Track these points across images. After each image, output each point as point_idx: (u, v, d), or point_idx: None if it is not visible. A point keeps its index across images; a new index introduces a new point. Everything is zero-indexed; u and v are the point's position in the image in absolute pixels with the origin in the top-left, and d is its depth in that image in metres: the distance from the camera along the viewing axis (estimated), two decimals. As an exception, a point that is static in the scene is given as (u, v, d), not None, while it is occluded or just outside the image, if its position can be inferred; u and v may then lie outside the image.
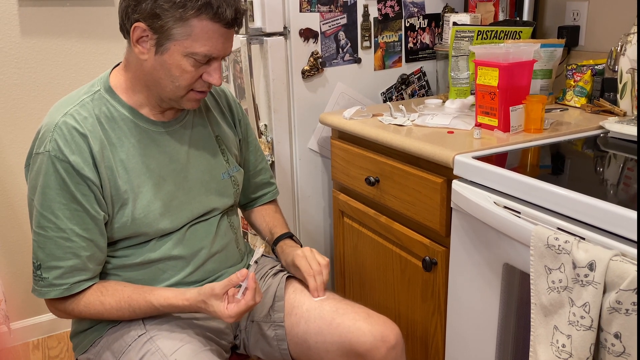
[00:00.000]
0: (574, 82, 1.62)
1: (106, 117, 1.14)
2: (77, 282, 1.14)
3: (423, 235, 1.42)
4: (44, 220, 1.11)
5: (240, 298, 1.09)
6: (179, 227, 1.21)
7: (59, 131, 1.09)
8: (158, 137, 1.19)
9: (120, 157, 1.14)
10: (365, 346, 1.20)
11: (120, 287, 1.16)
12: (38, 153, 1.11)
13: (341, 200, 1.73)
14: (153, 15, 1.05)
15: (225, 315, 1.08)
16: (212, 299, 1.09)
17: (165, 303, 1.13)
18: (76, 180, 1.09)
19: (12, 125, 2.15)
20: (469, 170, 1.18)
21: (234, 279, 1.08)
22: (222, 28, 1.07)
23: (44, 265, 1.13)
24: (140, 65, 1.12)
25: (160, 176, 1.18)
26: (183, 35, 1.06)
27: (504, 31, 1.64)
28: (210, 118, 1.31)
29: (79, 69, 2.21)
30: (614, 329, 0.86)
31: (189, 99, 1.15)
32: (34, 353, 2.29)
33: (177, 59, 1.08)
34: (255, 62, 1.72)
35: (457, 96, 1.68)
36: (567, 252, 0.92)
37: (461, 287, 1.28)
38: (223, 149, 1.31)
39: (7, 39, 2.08)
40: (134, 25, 1.07)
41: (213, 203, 1.26)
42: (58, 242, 1.11)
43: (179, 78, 1.10)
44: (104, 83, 1.17)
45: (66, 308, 1.17)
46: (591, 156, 1.22)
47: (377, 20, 1.80)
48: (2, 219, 2.20)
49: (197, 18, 1.05)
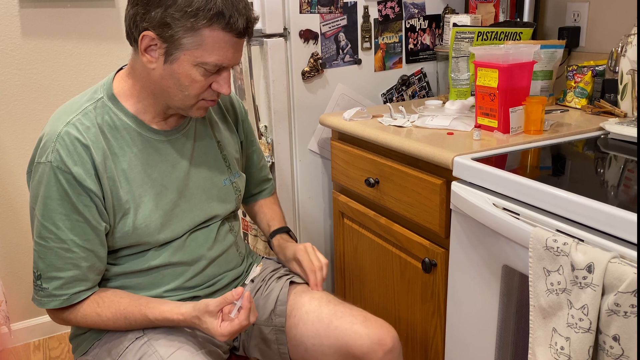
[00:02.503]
0: (575, 83, 1.61)
1: (109, 126, 1.13)
2: (76, 293, 1.13)
3: (422, 236, 1.42)
4: (44, 231, 1.10)
5: (234, 317, 1.07)
6: (180, 235, 1.20)
7: (61, 141, 1.08)
8: (160, 145, 1.18)
9: (122, 166, 1.13)
10: (362, 350, 1.19)
11: (117, 299, 1.15)
12: (40, 162, 1.09)
13: (341, 202, 1.73)
14: (163, 24, 1.03)
15: (217, 333, 1.06)
16: (206, 315, 1.07)
17: (160, 317, 1.12)
18: (78, 191, 1.08)
19: (13, 126, 2.15)
20: (469, 171, 1.18)
21: (229, 297, 1.06)
22: (233, 38, 1.06)
23: (44, 276, 1.12)
24: (147, 73, 1.10)
25: (162, 185, 1.17)
26: (193, 45, 1.04)
27: (504, 32, 1.63)
28: (212, 123, 1.30)
29: (79, 70, 2.21)
30: (613, 332, 0.86)
31: (198, 108, 1.14)
32: (35, 354, 2.29)
33: (186, 68, 1.06)
34: (255, 63, 1.72)
35: (458, 97, 1.67)
36: (565, 254, 0.92)
37: (461, 289, 1.27)
38: (224, 155, 1.30)
39: (8, 40, 2.08)
40: (143, 34, 1.05)
41: (214, 210, 1.26)
42: (58, 253, 1.10)
43: (189, 87, 1.09)
44: (107, 90, 1.15)
45: (64, 317, 1.17)
46: (591, 158, 1.22)
47: (378, 21, 1.80)
48: (3, 220, 2.20)
49: (208, 28, 1.03)
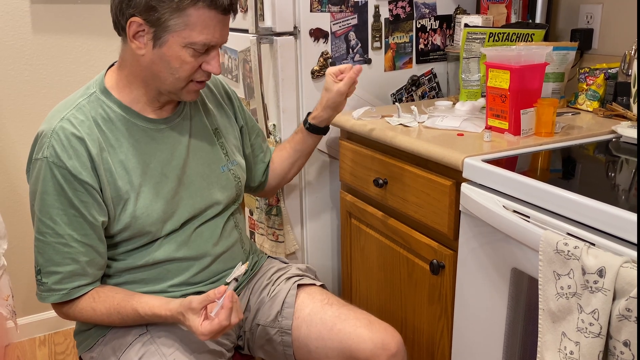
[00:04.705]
0: (587, 85, 1.60)
1: (103, 119, 1.14)
2: (76, 287, 1.14)
3: (431, 238, 1.41)
4: (42, 226, 1.11)
5: (214, 316, 1.03)
6: (181, 222, 1.20)
7: (56, 137, 1.09)
8: (156, 134, 1.19)
9: (120, 158, 1.14)
10: (365, 353, 1.18)
11: (112, 294, 1.15)
12: (37, 159, 1.10)
13: (349, 202, 1.72)
14: (149, 8, 1.04)
15: (198, 332, 1.03)
16: (189, 312, 1.05)
17: (150, 312, 1.11)
18: (74, 186, 1.09)
19: (22, 121, 2.16)
20: (479, 173, 1.17)
21: (211, 295, 1.04)
22: (219, 15, 1.07)
23: (44, 271, 1.13)
24: (137, 60, 1.11)
25: (162, 174, 1.18)
26: (180, 25, 1.05)
27: (516, 33, 1.62)
28: (207, 111, 1.30)
29: (89, 66, 2.22)
30: (624, 337, 0.85)
31: (189, 91, 1.15)
32: (40, 349, 2.30)
33: (175, 50, 1.07)
34: (264, 61, 1.71)
35: (468, 98, 1.66)
36: (576, 258, 0.90)
37: (468, 291, 1.26)
38: (221, 142, 1.30)
39: (19, 36, 2.09)
40: (130, 21, 1.06)
41: (215, 196, 1.25)
42: (57, 248, 1.11)
43: (179, 70, 1.10)
44: (99, 85, 1.17)
45: (64, 312, 1.18)
46: (602, 161, 1.21)
47: (388, 21, 1.79)
48: (11, 215, 2.21)
49: (193, 7, 1.04)
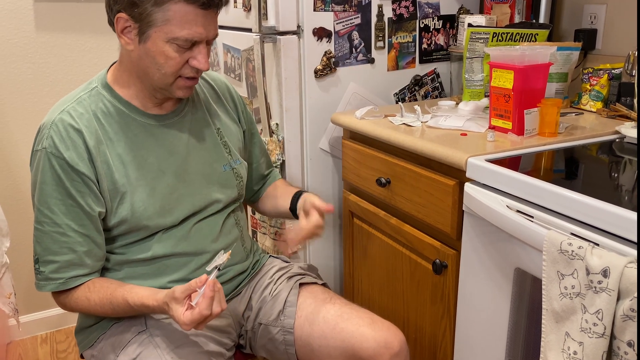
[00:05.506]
0: (590, 86, 1.60)
1: (103, 113, 1.15)
2: (72, 277, 1.14)
3: (434, 237, 1.41)
4: (41, 216, 1.12)
5: (195, 305, 1.01)
6: (180, 219, 1.20)
7: (55, 128, 1.11)
8: (156, 130, 1.19)
9: (118, 151, 1.15)
10: (368, 352, 1.18)
11: (107, 285, 1.15)
12: (37, 150, 1.13)
13: (351, 201, 1.72)
14: (131, 3, 1.06)
15: (180, 321, 1.02)
16: (173, 302, 1.04)
17: (138, 302, 1.10)
18: (71, 176, 1.10)
19: (25, 119, 2.16)
20: (482, 173, 1.17)
21: (193, 284, 1.03)
22: (198, 9, 1.07)
23: (41, 259, 1.14)
24: (128, 56, 1.13)
25: (159, 170, 1.18)
26: (162, 20, 1.06)
27: (519, 33, 1.62)
28: (211, 110, 1.30)
29: (92, 65, 2.22)
30: (628, 337, 0.85)
31: (179, 87, 1.15)
32: (42, 347, 2.30)
33: (159, 45, 1.08)
34: (268, 60, 1.71)
35: (471, 98, 1.66)
36: (580, 258, 0.90)
37: (471, 291, 1.26)
38: (225, 142, 1.30)
39: (22, 34, 2.09)
40: (117, 17, 1.08)
41: (215, 195, 1.26)
42: (54, 237, 1.12)
43: (164, 65, 1.10)
44: (101, 80, 1.19)
45: (62, 301, 1.18)
46: (606, 161, 1.20)
47: (392, 20, 1.79)
48: (14, 212, 2.21)
49: (172, 1, 1.05)
